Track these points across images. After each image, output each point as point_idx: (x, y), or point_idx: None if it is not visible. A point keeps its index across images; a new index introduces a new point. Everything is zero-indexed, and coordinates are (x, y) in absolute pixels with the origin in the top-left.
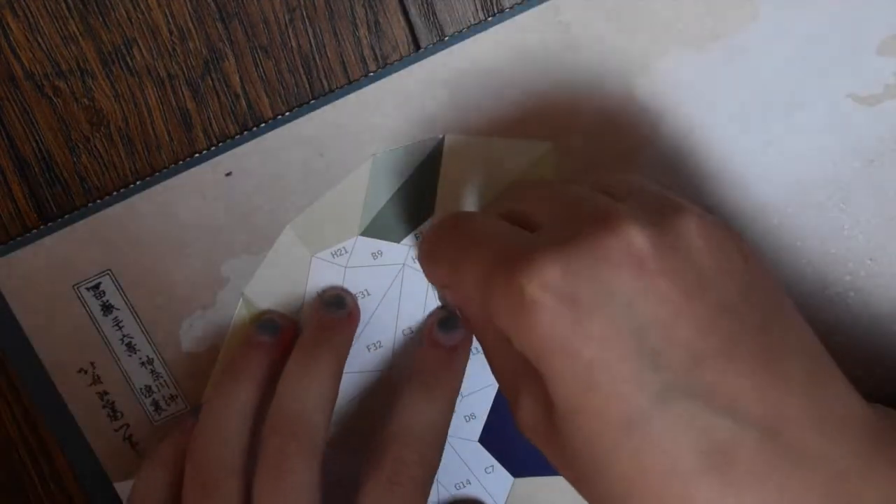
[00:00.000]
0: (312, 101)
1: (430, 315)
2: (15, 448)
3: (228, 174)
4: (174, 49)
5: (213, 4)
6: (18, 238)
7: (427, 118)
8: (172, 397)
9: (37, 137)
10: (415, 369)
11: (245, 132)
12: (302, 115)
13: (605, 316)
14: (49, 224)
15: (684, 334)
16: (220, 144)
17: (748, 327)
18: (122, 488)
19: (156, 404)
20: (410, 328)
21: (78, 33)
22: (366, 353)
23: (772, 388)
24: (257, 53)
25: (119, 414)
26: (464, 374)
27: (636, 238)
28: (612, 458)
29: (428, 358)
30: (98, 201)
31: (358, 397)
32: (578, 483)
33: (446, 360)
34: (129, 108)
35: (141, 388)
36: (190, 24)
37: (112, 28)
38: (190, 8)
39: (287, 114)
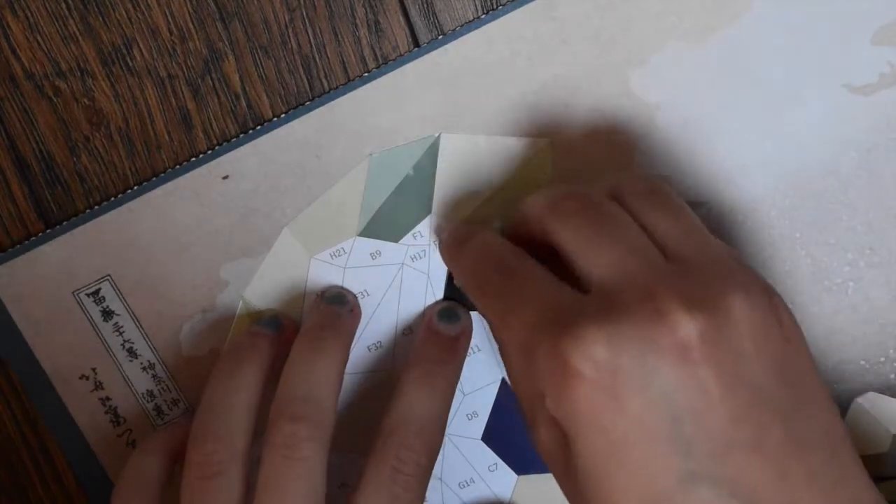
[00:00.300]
0: (308, 103)
1: (430, 305)
2: (15, 448)
3: (225, 177)
4: (174, 49)
5: (213, 4)
6: (18, 246)
7: (422, 117)
8: (175, 401)
9: (37, 137)
10: (414, 358)
11: (241, 134)
12: (297, 116)
13: (644, 398)
14: (48, 231)
15: (718, 424)
16: (217, 147)
17: (778, 415)
18: None
19: (158, 409)
20: (410, 328)
21: (78, 33)
22: (366, 353)
23: (791, 479)
24: (257, 53)
25: (122, 419)
26: (463, 363)
27: (684, 327)
28: None
29: (428, 347)
30: (96, 207)
31: (358, 397)
32: None
33: (446, 349)
34: (129, 108)
35: (143, 393)
36: (190, 24)
37: (112, 28)
38: (190, 8)
39: (283, 115)
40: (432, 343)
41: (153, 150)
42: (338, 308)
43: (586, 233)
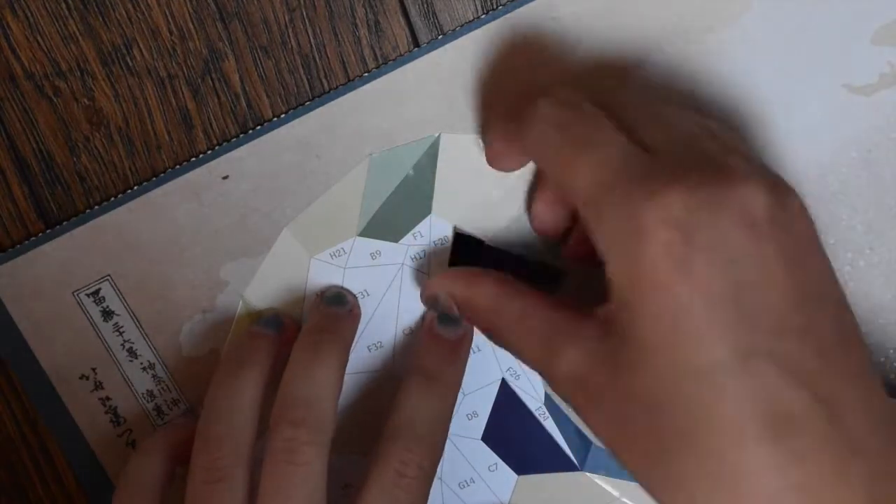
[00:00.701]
0: (308, 103)
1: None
2: (15, 448)
3: (225, 177)
4: (174, 49)
5: (213, 4)
6: (18, 245)
7: (422, 117)
8: (175, 401)
9: (37, 137)
10: (416, 363)
11: (241, 135)
12: (297, 116)
13: (712, 264)
14: (48, 231)
15: (776, 302)
16: (217, 148)
17: (828, 310)
18: None
19: (158, 409)
20: (410, 328)
21: (78, 33)
22: (366, 353)
23: (840, 373)
24: (257, 53)
25: (122, 419)
26: (465, 367)
27: (758, 199)
28: (680, 403)
29: (429, 351)
30: (96, 207)
31: (358, 397)
32: (620, 439)
33: (448, 354)
34: (129, 108)
35: (143, 394)
36: (190, 24)
37: (112, 28)
38: (190, 8)
39: (282, 116)
40: (433, 347)
41: (153, 150)
42: (337, 309)
43: (642, 103)
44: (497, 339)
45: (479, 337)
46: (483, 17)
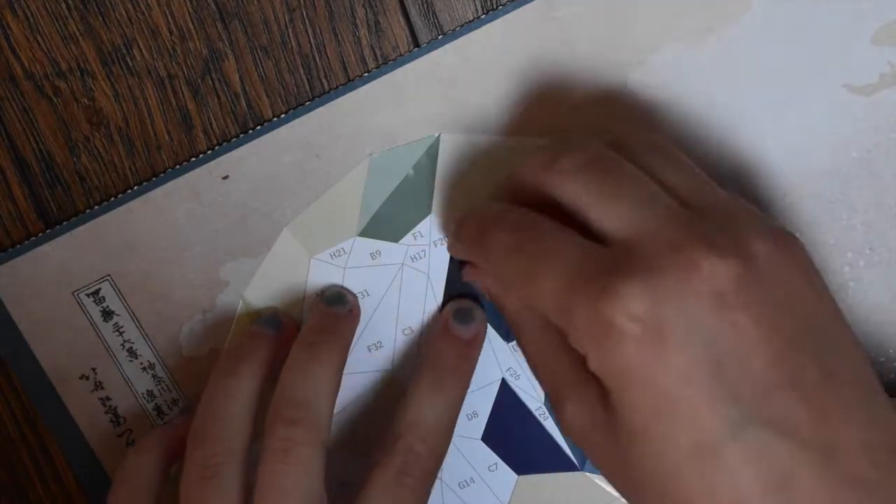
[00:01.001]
0: (308, 103)
1: (448, 305)
2: (15, 448)
3: (225, 177)
4: (174, 49)
5: (213, 4)
6: (18, 245)
7: (422, 117)
8: (175, 401)
9: (37, 137)
10: (428, 360)
11: (241, 134)
12: (297, 116)
13: (688, 350)
14: (48, 231)
15: (758, 366)
16: (217, 148)
17: (812, 355)
18: None
19: (158, 409)
20: (410, 328)
21: (78, 33)
22: (366, 354)
23: (830, 417)
24: (257, 53)
25: (122, 419)
26: (475, 368)
27: (719, 274)
28: (678, 481)
29: (442, 349)
30: (96, 207)
31: (358, 398)
32: (628, 491)
33: (460, 354)
34: (129, 108)
35: (143, 393)
36: (190, 24)
37: (112, 28)
38: (190, 8)
39: (282, 115)
40: (446, 346)
41: (153, 150)
42: (337, 309)
43: (596, 186)
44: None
45: None
46: (483, 17)
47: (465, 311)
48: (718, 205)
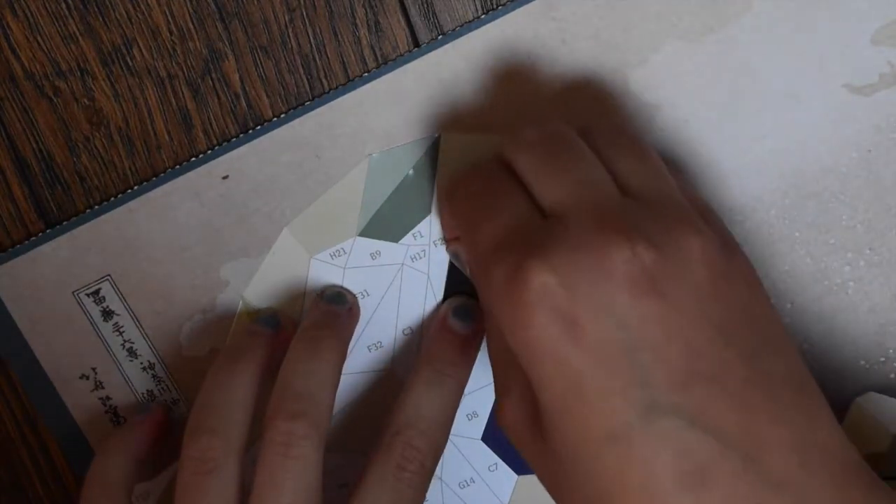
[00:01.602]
0: (308, 103)
1: (447, 302)
2: (15, 448)
3: (225, 177)
4: (174, 49)
5: (213, 4)
6: (18, 245)
7: (422, 117)
8: (175, 401)
9: (37, 137)
10: (425, 356)
11: (241, 134)
12: (297, 116)
13: (600, 329)
14: (48, 231)
15: (675, 356)
16: (217, 147)
17: (740, 354)
18: None
19: None
20: (410, 328)
21: (78, 33)
22: (366, 353)
23: (756, 415)
24: (257, 53)
25: (122, 419)
26: (473, 364)
27: (641, 259)
28: (592, 469)
29: (440, 345)
30: (96, 207)
31: (358, 397)
32: (555, 490)
33: (459, 349)
34: (129, 108)
35: (143, 393)
36: (190, 24)
37: (112, 28)
38: (190, 8)
39: (282, 115)
40: (445, 342)
41: (153, 150)
42: (336, 307)
43: (543, 160)
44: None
45: None
46: (483, 17)
47: (463, 308)
48: (664, 198)
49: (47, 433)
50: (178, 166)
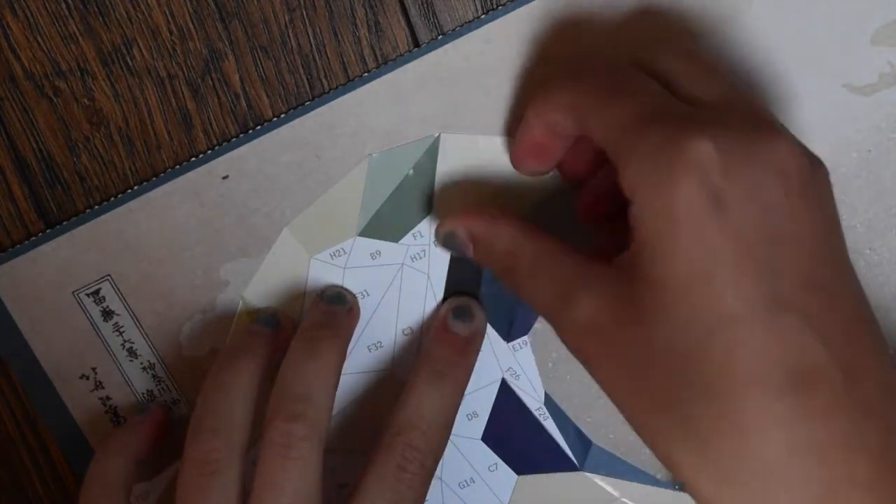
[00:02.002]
0: (308, 103)
1: (447, 302)
2: (15, 448)
3: (225, 177)
4: (174, 49)
5: (213, 4)
6: (18, 245)
7: (423, 117)
8: (175, 401)
9: (37, 137)
10: (425, 357)
11: (241, 135)
12: (297, 116)
13: (747, 212)
14: (48, 231)
15: (806, 257)
16: (217, 148)
17: (849, 278)
18: None
19: None
20: (411, 328)
21: (78, 33)
22: (366, 353)
23: (858, 339)
24: (257, 53)
25: (122, 419)
26: (474, 365)
27: (794, 158)
28: (697, 352)
29: (441, 346)
30: (96, 207)
31: (358, 398)
32: (627, 387)
33: (459, 350)
34: (129, 108)
35: (143, 393)
36: (190, 24)
37: (112, 28)
38: (190, 8)
39: (282, 115)
40: (445, 342)
41: (153, 150)
42: (336, 307)
43: (693, 61)
44: (511, 283)
45: None
46: (483, 16)
47: (463, 308)
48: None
49: (47, 433)
50: (178, 166)
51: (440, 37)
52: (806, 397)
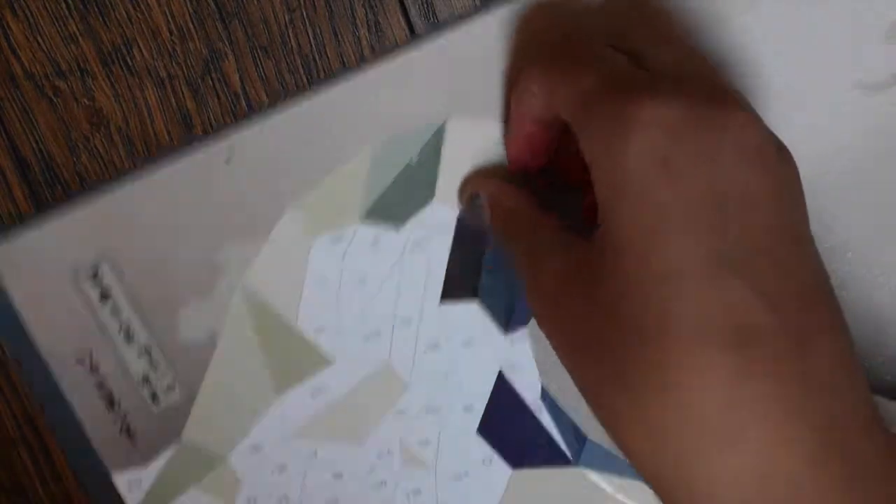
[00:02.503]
0: (313, 85)
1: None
2: (15, 448)
3: (227, 160)
4: (174, 49)
5: (213, 4)
6: (15, 225)
7: (428, 102)
8: (170, 387)
9: (37, 137)
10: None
11: (244, 118)
12: (302, 100)
13: (699, 174)
14: (47, 211)
15: (759, 228)
16: (220, 130)
17: (804, 254)
18: (120, 479)
19: (153, 394)
20: (409, 317)
21: (78, 33)
22: (362, 343)
23: (813, 313)
24: (257, 53)
25: (117, 404)
26: None
27: (752, 129)
28: (643, 306)
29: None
30: (96, 188)
31: (355, 387)
32: (575, 350)
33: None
34: (129, 108)
35: (139, 378)
36: (190, 24)
37: (112, 28)
38: (190, 8)
39: (287, 99)
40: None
41: (153, 150)
42: None
43: (663, 34)
44: (506, 248)
45: (473, 330)
46: (483, 11)
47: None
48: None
49: (47, 433)
50: (180, 148)
51: (443, 27)
52: (749, 356)
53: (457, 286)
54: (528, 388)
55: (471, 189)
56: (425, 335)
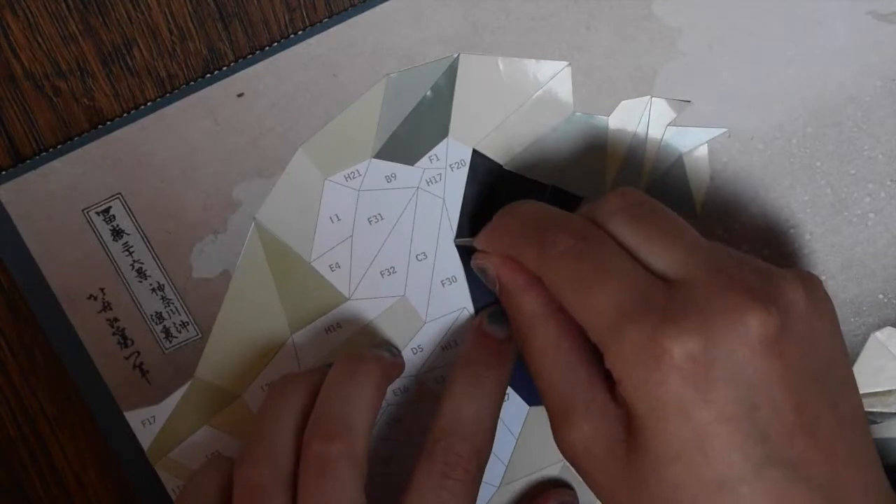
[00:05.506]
0: (326, 20)
1: (481, 312)
2: (15, 448)
3: (240, 95)
4: (174, 49)
5: (213, 4)
6: (27, 161)
7: (442, 37)
8: (184, 324)
9: (37, 137)
10: (463, 361)
11: (257, 52)
12: (315, 34)
13: (731, 390)
14: (59, 146)
15: (787, 411)
16: (233, 64)
17: (830, 403)
18: (132, 417)
19: (166, 331)
20: (424, 253)
21: (78, 33)
22: (378, 279)
23: (838, 457)
24: (257, 53)
25: (129, 341)
26: (511, 368)
27: (774, 320)
28: None
29: (477, 349)
30: (108, 123)
31: (371, 322)
32: None
33: (496, 352)
34: (129, 108)
35: (151, 315)
36: (190, 24)
37: (112, 28)
38: (190, 8)
39: (300, 33)
40: (481, 346)
41: None
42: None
43: (647, 226)
44: (521, 350)
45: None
46: None
47: (498, 313)
48: (743, 256)
49: (48, 433)
50: (192, 83)
51: None
52: None
53: (471, 223)
54: None
55: (481, 262)
56: (441, 270)
